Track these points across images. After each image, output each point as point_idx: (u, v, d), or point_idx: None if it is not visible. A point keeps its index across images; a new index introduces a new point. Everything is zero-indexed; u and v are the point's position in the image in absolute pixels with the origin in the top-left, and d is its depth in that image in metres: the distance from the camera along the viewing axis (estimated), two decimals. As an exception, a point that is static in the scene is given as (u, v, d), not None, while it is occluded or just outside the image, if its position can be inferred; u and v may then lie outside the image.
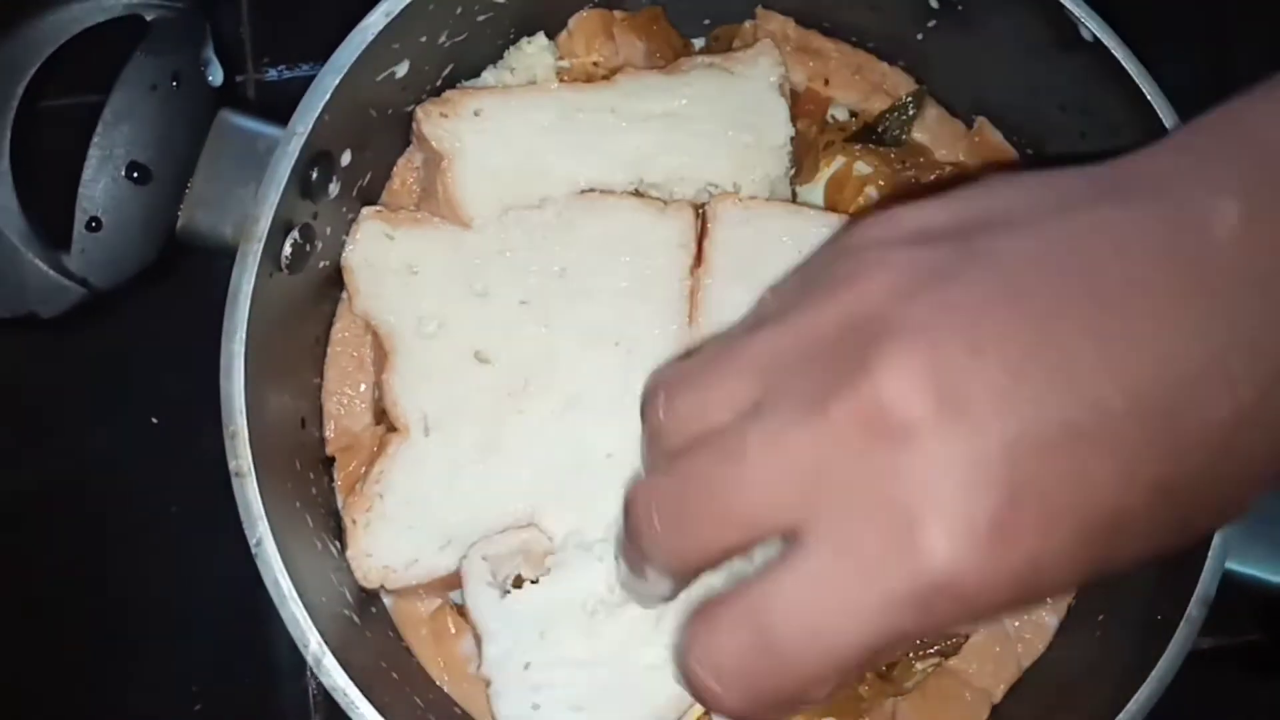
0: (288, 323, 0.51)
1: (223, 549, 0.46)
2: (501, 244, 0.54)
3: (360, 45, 0.48)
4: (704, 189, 0.56)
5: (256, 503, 0.44)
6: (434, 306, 0.54)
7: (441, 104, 0.55)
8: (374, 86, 0.51)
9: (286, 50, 0.68)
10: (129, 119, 0.46)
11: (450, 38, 0.54)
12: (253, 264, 0.45)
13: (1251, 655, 0.60)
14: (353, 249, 0.54)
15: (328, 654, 0.43)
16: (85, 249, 0.46)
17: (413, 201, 0.58)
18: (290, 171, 0.46)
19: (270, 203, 0.46)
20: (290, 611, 0.43)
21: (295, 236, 0.49)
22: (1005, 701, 0.54)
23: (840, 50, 0.60)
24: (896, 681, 0.54)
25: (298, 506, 0.51)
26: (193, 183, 0.48)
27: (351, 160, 0.52)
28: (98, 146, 0.45)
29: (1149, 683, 0.46)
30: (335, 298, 0.56)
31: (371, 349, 0.56)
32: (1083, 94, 0.53)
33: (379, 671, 0.49)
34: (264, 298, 0.47)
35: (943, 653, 0.54)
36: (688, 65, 0.57)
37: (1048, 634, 0.54)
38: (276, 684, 0.63)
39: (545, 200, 0.55)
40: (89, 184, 0.45)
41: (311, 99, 0.47)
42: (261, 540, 0.44)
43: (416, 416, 0.53)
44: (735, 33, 0.61)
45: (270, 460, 0.47)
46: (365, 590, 0.52)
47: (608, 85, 0.56)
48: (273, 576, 0.44)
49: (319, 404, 0.56)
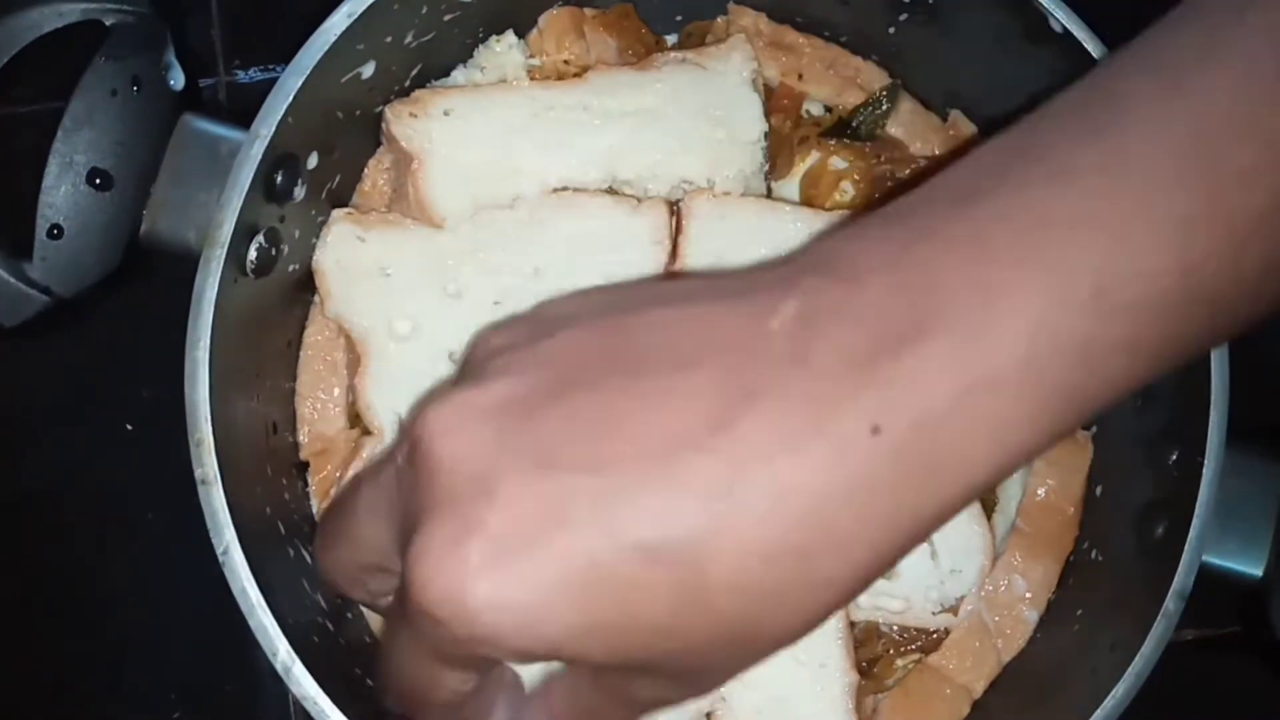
0: (256, 327, 0.51)
1: (200, 556, 0.46)
2: (474, 244, 0.54)
3: (323, 47, 0.47)
4: (678, 186, 0.55)
5: (223, 511, 0.44)
6: (407, 308, 0.53)
7: (411, 104, 0.54)
8: (339, 88, 0.50)
9: (257, 52, 0.68)
10: (89, 125, 0.45)
11: (417, 38, 0.53)
12: (216, 269, 0.45)
13: (1232, 646, 0.60)
14: (324, 252, 0.53)
15: (297, 663, 0.43)
16: (47, 257, 0.45)
17: (384, 203, 0.57)
18: (253, 175, 0.46)
19: (233, 207, 0.45)
20: (259, 620, 0.43)
21: (260, 240, 0.49)
22: (986, 696, 0.53)
23: (813, 45, 0.60)
24: (877, 679, 0.54)
25: (269, 513, 0.50)
26: (155, 188, 0.47)
27: (319, 162, 0.52)
28: (58, 153, 0.45)
29: (1127, 676, 0.45)
30: (307, 301, 0.56)
31: (344, 352, 0.56)
32: (1053, 85, 0.52)
33: (354, 679, 0.49)
34: (229, 303, 0.46)
35: (923, 649, 0.54)
36: (660, 61, 0.57)
37: (1028, 629, 0.54)
38: (257, 692, 0.63)
39: (517, 199, 0.54)
40: (49, 191, 0.45)
41: (274, 101, 0.46)
42: (228, 548, 0.44)
43: (390, 419, 0.53)
44: (707, 29, 0.60)
45: (240, 467, 0.47)
46: (340, 597, 0.52)
47: (579, 82, 0.56)
48: (240, 585, 0.43)
49: (292, 409, 0.55)
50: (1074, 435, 0.56)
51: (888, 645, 0.54)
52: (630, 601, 0.28)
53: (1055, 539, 0.55)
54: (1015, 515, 0.55)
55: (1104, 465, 0.55)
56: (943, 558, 0.53)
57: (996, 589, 0.54)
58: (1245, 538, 0.47)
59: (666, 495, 0.28)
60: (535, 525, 0.29)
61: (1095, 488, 0.55)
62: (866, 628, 0.54)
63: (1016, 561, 0.54)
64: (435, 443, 0.30)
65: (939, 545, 0.53)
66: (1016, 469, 0.31)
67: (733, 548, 0.28)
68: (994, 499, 0.56)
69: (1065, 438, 0.32)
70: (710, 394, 0.29)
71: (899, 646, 0.54)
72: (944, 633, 0.54)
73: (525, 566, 0.28)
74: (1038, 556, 0.54)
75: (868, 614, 0.53)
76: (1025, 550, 0.54)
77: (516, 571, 0.28)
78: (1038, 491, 0.55)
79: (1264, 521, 0.47)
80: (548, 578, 0.28)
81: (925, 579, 0.53)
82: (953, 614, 0.53)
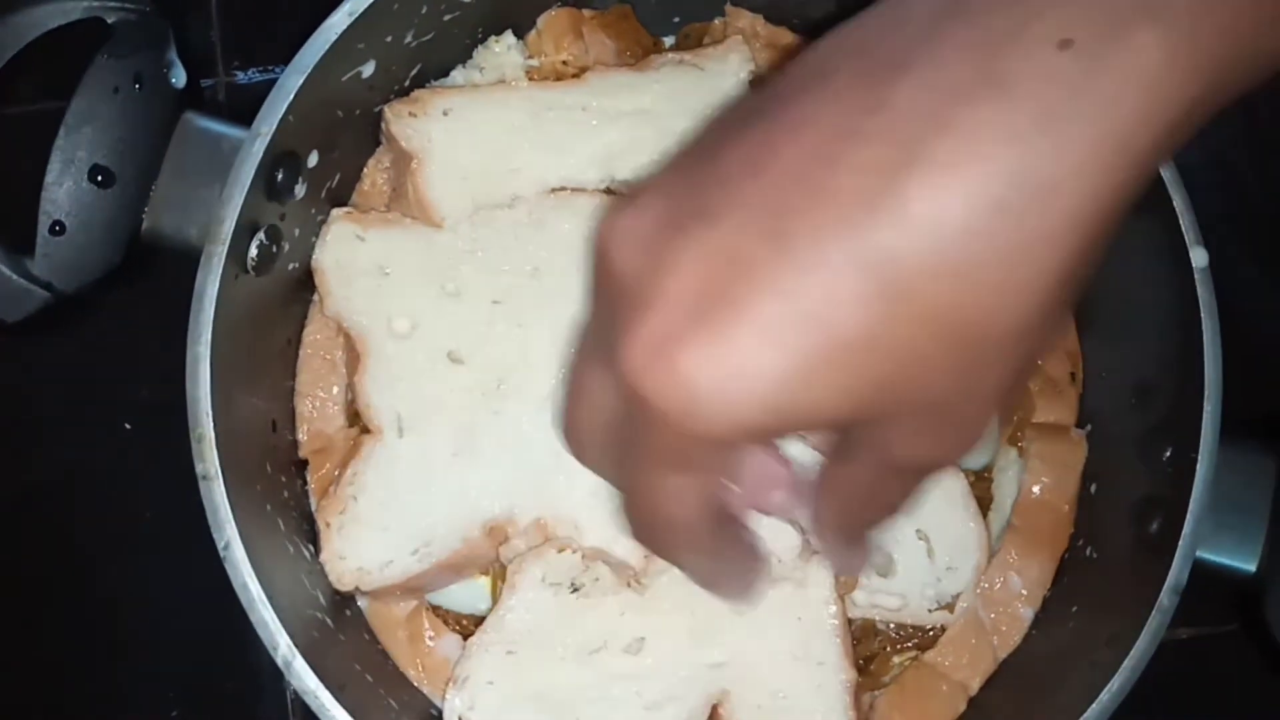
0: (256, 325, 0.51)
1: (199, 555, 0.46)
2: (473, 244, 0.54)
3: (324, 45, 0.48)
4: (675, 186, 0.56)
5: (224, 506, 0.44)
6: (406, 307, 0.54)
7: (410, 103, 0.54)
8: (340, 86, 0.51)
9: (257, 53, 0.68)
10: (91, 122, 0.45)
11: (417, 37, 0.53)
12: (217, 266, 0.45)
13: (1229, 645, 0.60)
14: (323, 250, 0.54)
15: (298, 657, 0.43)
16: (49, 253, 0.45)
17: (383, 202, 0.58)
18: (254, 172, 0.46)
19: (234, 204, 0.46)
20: (259, 614, 0.43)
21: (261, 238, 0.49)
22: (983, 693, 0.54)
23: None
24: (874, 676, 0.54)
25: (269, 510, 0.50)
26: (156, 185, 0.47)
27: (319, 161, 0.52)
28: (60, 150, 0.45)
29: (1123, 670, 0.46)
30: (306, 300, 0.56)
31: (344, 351, 0.56)
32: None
33: (353, 674, 0.49)
34: (230, 300, 0.46)
35: (919, 646, 0.54)
36: (658, 62, 0.57)
37: (1024, 626, 0.54)
38: (256, 689, 0.63)
39: (516, 199, 0.55)
40: (52, 188, 0.45)
41: (275, 100, 0.47)
42: (230, 544, 0.44)
43: (390, 418, 0.53)
44: (705, 30, 0.61)
45: (240, 464, 0.47)
46: (339, 593, 0.52)
47: (578, 83, 0.56)
48: (241, 580, 0.44)
49: (291, 407, 0.56)
50: (1069, 433, 0.56)
51: (884, 642, 0.55)
52: (836, 323, 0.27)
53: (1051, 536, 0.55)
54: (1011, 513, 0.55)
55: (1099, 462, 0.55)
56: (939, 555, 0.53)
57: (992, 586, 0.54)
58: (1239, 534, 0.47)
59: (831, 204, 0.27)
60: (723, 279, 0.27)
61: (1090, 485, 0.55)
62: (863, 625, 0.54)
63: (1012, 559, 0.54)
64: (610, 252, 0.29)
65: (935, 542, 0.53)
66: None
67: (921, 229, 0.26)
68: (990, 496, 0.56)
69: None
70: (849, 87, 0.28)
71: (895, 644, 0.55)
72: (940, 630, 0.54)
73: (723, 322, 0.27)
74: (1033, 554, 0.54)
75: (864, 611, 0.53)
76: (1021, 547, 0.54)
77: (718, 330, 0.27)
78: (1033, 489, 0.55)
79: (1258, 517, 0.48)
80: (749, 328, 0.27)
81: (922, 576, 0.53)
82: (949, 611, 0.53)
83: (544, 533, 0.52)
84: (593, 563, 0.51)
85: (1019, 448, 0.57)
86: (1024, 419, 0.57)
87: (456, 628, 0.55)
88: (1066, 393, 0.57)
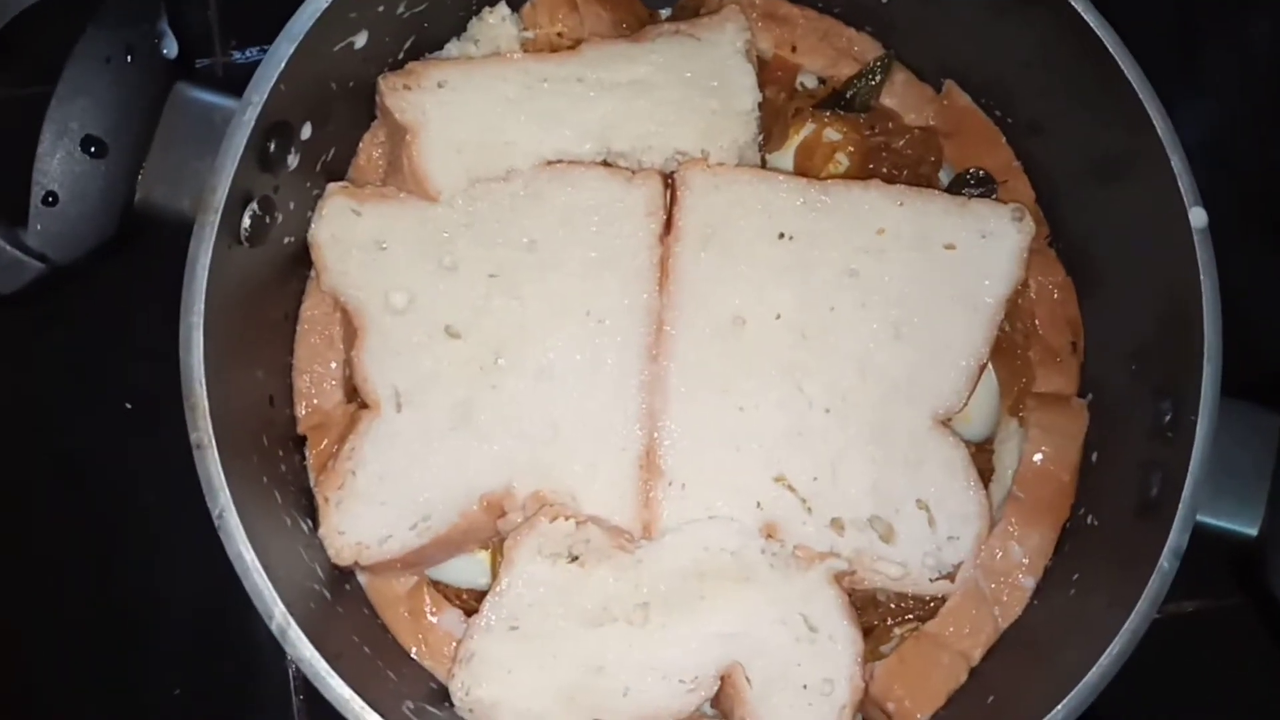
0: (252, 298, 0.51)
1: (198, 536, 0.46)
2: (469, 217, 0.54)
3: (315, 13, 0.47)
4: (672, 157, 0.55)
5: (218, 474, 0.44)
6: (403, 281, 0.53)
7: (405, 76, 0.54)
8: (332, 56, 0.51)
9: (253, 32, 0.68)
10: (83, 93, 0.45)
11: (409, 8, 0.53)
12: (210, 235, 0.45)
13: (1233, 618, 0.59)
14: (319, 225, 0.53)
15: (292, 625, 0.43)
16: (42, 224, 0.46)
17: (379, 177, 0.57)
18: (246, 142, 0.46)
19: (226, 173, 0.45)
20: (254, 583, 0.43)
21: (254, 208, 0.49)
22: (984, 664, 0.53)
23: (806, 16, 0.60)
24: (873, 646, 0.53)
25: (265, 483, 0.50)
26: (149, 156, 0.47)
27: (313, 133, 0.52)
28: (52, 121, 0.45)
29: (1124, 632, 0.45)
30: (304, 275, 0.56)
31: (341, 326, 0.56)
32: (1045, 50, 0.52)
33: (351, 645, 0.49)
34: (224, 270, 0.46)
35: (919, 617, 0.54)
36: (654, 33, 0.57)
37: (1025, 595, 0.54)
38: (257, 667, 0.63)
39: (512, 172, 0.54)
40: (44, 158, 0.45)
41: (267, 68, 0.47)
42: (223, 512, 0.44)
43: (388, 393, 0.53)
44: (701, 1, 0.60)
45: (235, 436, 0.47)
46: (339, 568, 0.52)
47: (573, 55, 0.56)
48: (236, 549, 0.44)
49: (289, 383, 0.56)
50: (1070, 403, 0.56)
51: (884, 614, 0.54)
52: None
53: (1052, 506, 0.54)
54: (1012, 483, 0.55)
55: (1100, 432, 0.54)
56: (940, 524, 0.53)
57: (993, 556, 0.54)
58: (1240, 497, 0.47)
59: None
60: None
61: (1091, 454, 0.55)
62: (863, 596, 0.54)
63: (1013, 529, 0.54)
64: None
65: (936, 511, 0.53)
66: None
67: None
68: (991, 467, 0.56)
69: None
70: None
71: (896, 615, 0.54)
72: (940, 601, 0.54)
73: None
74: (1035, 524, 0.54)
75: (865, 580, 0.53)
76: (1022, 517, 0.54)
77: None
78: (1034, 459, 0.55)
79: (1259, 480, 0.47)
80: None
81: (923, 544, 0.53)
82: (950, 580, 0.53)
83: (542, 504, 0.52)
84: (584, 525, 0.51)
85: (1020, 418, 0.56)
86: (1025, 389, 0.56)
87: (458, 602, 0.55)
88: (1067, 362, 0.57)
